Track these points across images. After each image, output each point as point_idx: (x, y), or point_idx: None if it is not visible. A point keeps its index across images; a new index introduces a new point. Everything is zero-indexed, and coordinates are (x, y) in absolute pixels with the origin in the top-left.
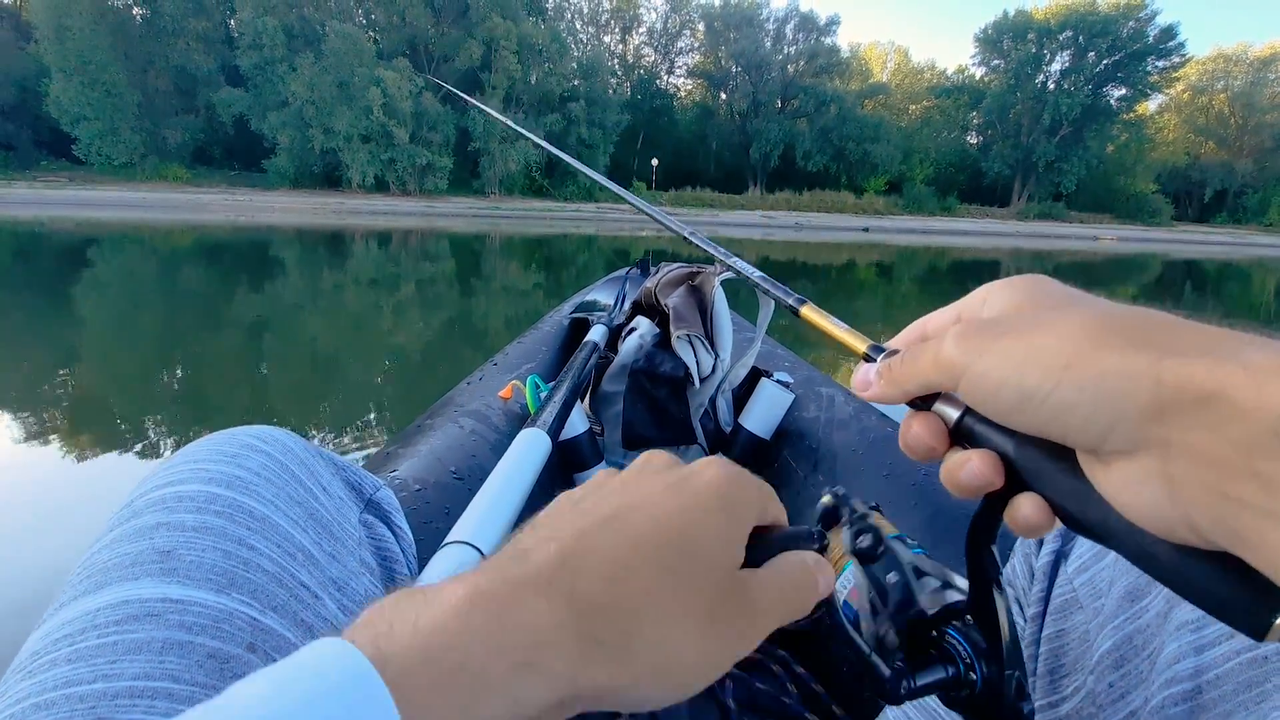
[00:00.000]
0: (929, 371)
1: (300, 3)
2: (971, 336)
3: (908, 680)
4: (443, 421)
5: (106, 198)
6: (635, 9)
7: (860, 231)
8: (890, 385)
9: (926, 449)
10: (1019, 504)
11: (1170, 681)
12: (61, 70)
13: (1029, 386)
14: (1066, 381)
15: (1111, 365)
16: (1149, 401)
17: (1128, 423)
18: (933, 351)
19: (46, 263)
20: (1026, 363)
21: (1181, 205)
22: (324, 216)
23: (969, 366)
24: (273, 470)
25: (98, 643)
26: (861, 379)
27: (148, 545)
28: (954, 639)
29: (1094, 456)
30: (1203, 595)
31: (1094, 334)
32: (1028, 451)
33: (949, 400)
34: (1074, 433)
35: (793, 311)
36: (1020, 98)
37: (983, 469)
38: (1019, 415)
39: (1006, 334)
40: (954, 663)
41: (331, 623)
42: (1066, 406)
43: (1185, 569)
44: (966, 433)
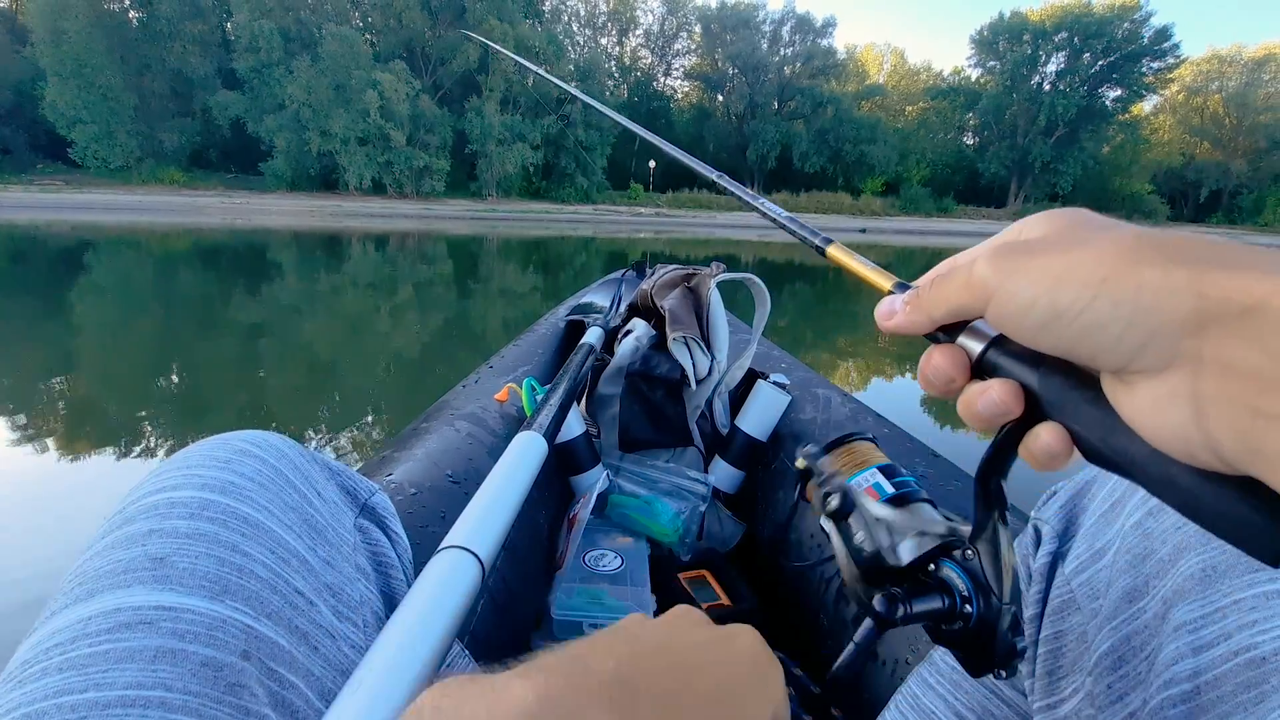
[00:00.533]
0: (960, 293)
1: (297, 6)
2: (1006, 255)
3: (904, 605)
4: (439, 425)
5: (103, 201)
6: (632, 11)
7: (858, 232)
8: (917, 311)
9: (946, 379)
10: (1038, 433)
11: (1169, 683)
12: (57, 74)
13: (1063, 303)
14: (1103, 295)
15: (1151, 279)
16: (1189, 314)
17: (1163, 337)
18: (964, 273)
19: (42, 266)
20: (1062, 278)
21: (1177, 205)
22: (321, 219)
23: (1001, 285)
24: (267, 476)
25: (89, 651)
26: (886, 308)
27: (140, 552)
28: (951, 570)
29: (1119, 379)
30: (1219, 520)
31: (1134, 250)
32: (1051, 380)
33: (973, 334)
34: (1104, 351)
35: (819, 251)
36: (1016, 99)
37: (1003, 396)
38: (1048, 334)
39: (1043, 252)
40: (950, 594)
41: (327, 629)
42: (1100, 322)
43: (1204, 493)
44: (988, 365)
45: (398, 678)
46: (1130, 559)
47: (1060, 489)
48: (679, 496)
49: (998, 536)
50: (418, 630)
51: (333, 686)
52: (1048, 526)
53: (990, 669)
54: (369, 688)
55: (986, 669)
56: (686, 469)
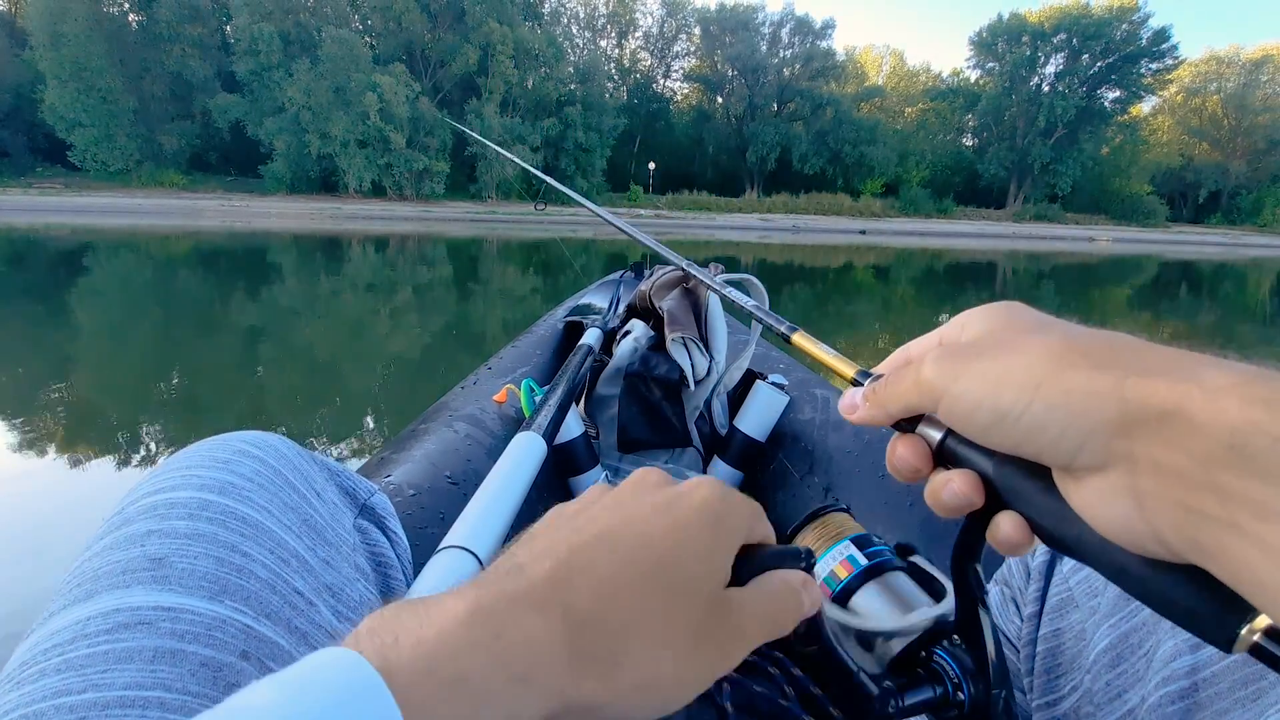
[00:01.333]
0: (910, 393)
1: (297, 8)
2: (948, 360)
3: (896, 700)
4: (437, 426)
5: (102, 204)
6: (631, 13)
7: (857, 234)
8: (875, 407)
9: (912, 470)
10: (999, 523)
11: (1167, 680)
12: (57, 77)
13: (1003, 406)
14: (1038, 400)
15: (1078, 384)
16: (1114, 417)
17: (1096, 438)
18: (913, 374)
19: (42, 270)
20: (1000, 383)
21: (1176, 206)
22: (321, 222)
23: (947, 388)
24: (266, 476)
25: (88, 652)
26: (848, 402)
27: (139, 552)
28: (942, 659)
29: (1067, 474)
30: (1172, 608)
31: (1062, 355)
32: (1006, 471)
33: (931, 422)
34: (1047, 450)
35: (784, 339)
36: (1015, 100)
37: (964, 488)
38: (995, 434)
39: (981, 356)
40: (942, 683)
41: (326, 629)
42: (1039, 425)
43: (1155, 582)
44: (949, 454)
45: None
46: None
47: None
48: None
49: (979, 622)
50: None
51: None
52: None
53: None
54: None
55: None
56: (685, 470)
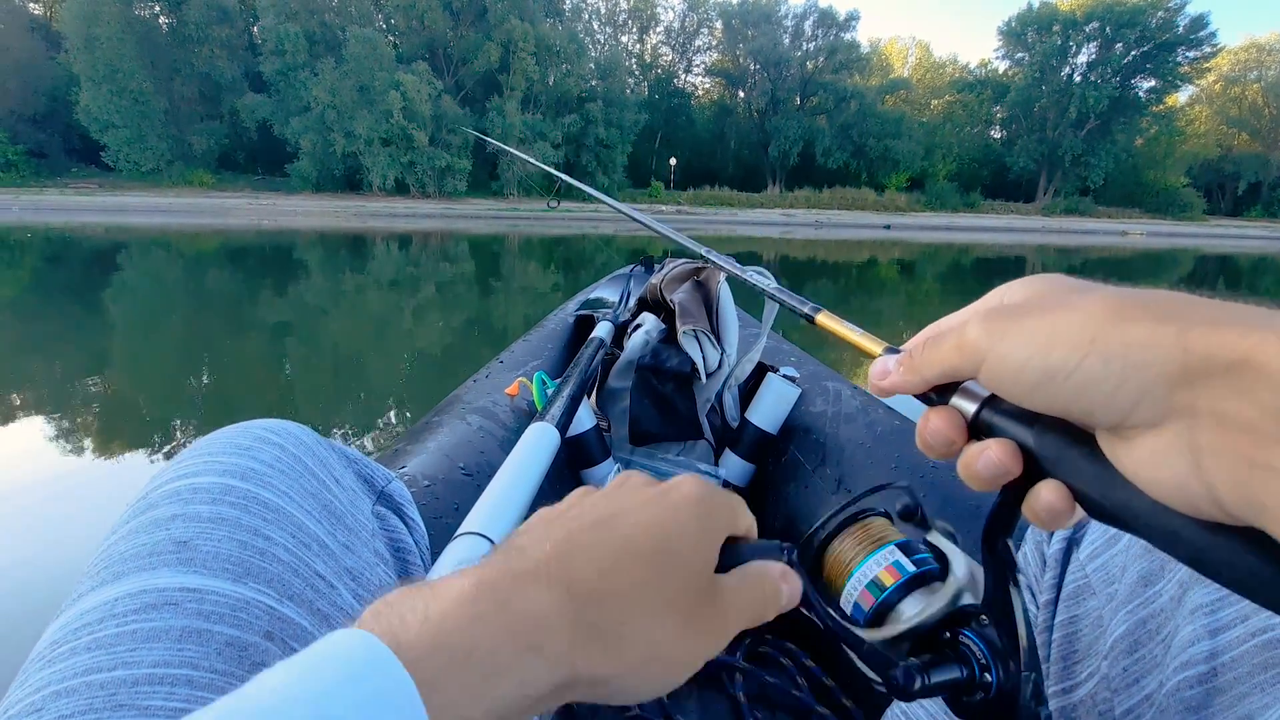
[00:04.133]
0: (951, 356)
1: (321, 9)
2: (995, 319)
3: (922, 677)
4: (450, 419)
5: (134, 203)
6: (652, 8)
7: (882, 229)
8: (910, 372)
9: (945, 442)
10: (1039, 492)
11: (1185, 665)
12: (90, 79)
13: (1053, 363)
14: (1092, 355)
15: (1137, 336)
16: (1177, 370)
17: (1154, 393)
18: (956, 336)
19: (78, 268)
20: (1051, 340)
21: (1214, 199)
22: (345, 220)
23: (992, 348)
24: (286, 463)
25: (117, 631)
26: (880, 368)
27: (164, 536)
28: (969, 639)
29: (1116, 435)
30: (1226, 572)
31: (1118, 309)
32: (1048, 438)
33: (967, 394)
34: (1098, 409)
35: (808, 320)
36: (1045, 91)
37: (1001, 457)
38: (1041, 394)
39: (1030, 314)
40: (968, 664)
41: (347, 612)
42: (1092, 381)
43: (1208, 546)
44: (984, 425)
45: None
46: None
47: None
48: None
49: (1010, 600)
50: None
51: None
52: None
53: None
54: None
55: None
56: (697, 462)
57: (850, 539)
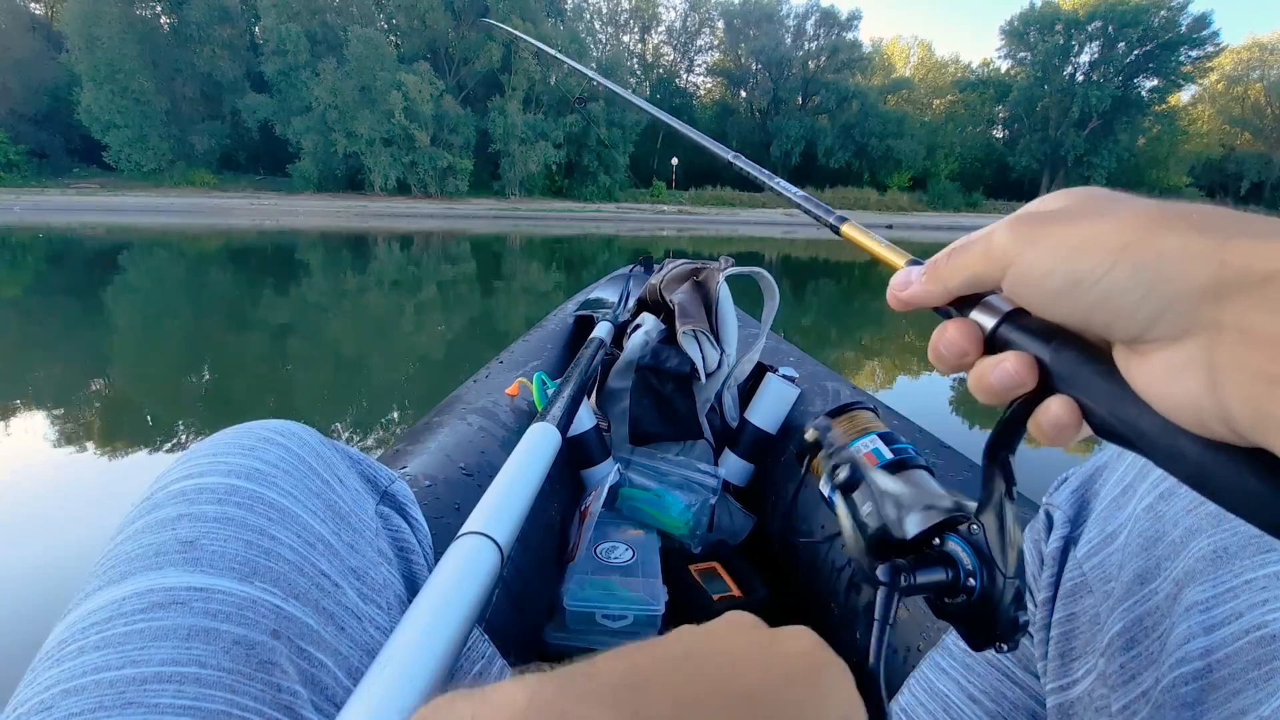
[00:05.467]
0: (978, 261)
1: (323, 8)
2: (1026, 225)
3: (909, 576)
4: (451, 419)
5: (136, 203)
6: (654, 8)
7: (884, 228)
8: (933, 281)
9: (959, 353)
10: (1048, 406)
11: (1180, 661)
12: (92, 79)
13: (1081, 270)
14: (1123, 261)
15: (1173, 245)
16: (1209, 281)
17: (1181, 304)
18: (984, 242)
19: (80, 268)
20: (1082, 246)
21: (1217, 198)
22: (347, 220)
23: (1021, 253)
24: (290, 463)
25: (125, 630)
26: (902, 278)
27: (170, 536)
28: (956, 545)
29: (1133, 349)
30: (1227, 491)
31: (1158, 218)
32: (1064, 352)
33: (986, 309)
34: (1121, 319)
35: (833, 230)
36: (1048, 90)
37: (1018, 367)
38: (1064, 302)
39: (1064, 222)
40: (954, 566)
41: (352, 610)
42: (1118, 289)
43: (1213, 465)
44: (1001, 340)
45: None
46: (1142, 542)
47: (1071, 475)
48: (689, 489)
49: (1004, 511)
50: (441, 612)
51: (359, 665)
52: (1059, 512)
53: (992, 642)
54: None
55: (988, 643)
56: (696, 462)
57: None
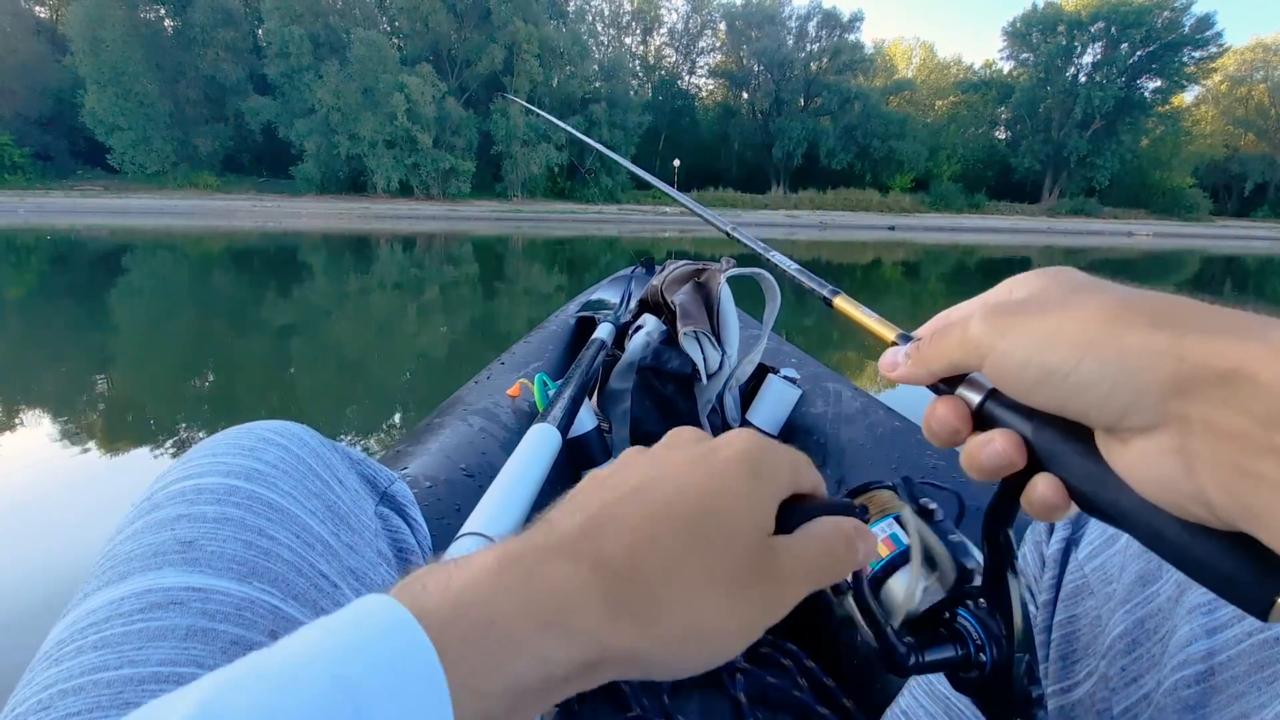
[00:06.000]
0: (955, 350)
1: (326, 11)
2: (998, 316)
3: (916, 655)
4: (452, 420)
5: (140, 205)
6: (656, 10)
7: (886, 230)
8: (917, 365)
9: (950, 431)
10: (1036, 485)
11: (1182, 664)
12: (96, 82)
13: (1052, 364)
14: (1089, 358)
15: (1133, 343)
16: (1170, 377)
17: (1148, 399)
18: (960, 331)
19: (83, 270)
20: (1051, 340)
21: (1220, 199)
22: (350, 221)
23: (994, 345)
24: (290, 463)
25: (123, 630)
26: (890, 360)
27: (169, 536)
28: (965, 620)
29: (1112, 435)
30: (1210, 573)
31: (1117, 313)
32: (1047, 433)
33: (972, 385)
34: (1094, 409)
35: (826, 303)
36: (1050, 91)
37: (1006, 448)
38: (1041, 393)
39: (1032, 314)
40: (964, 643)
41: None
42: (1088, 383)
43: (1194, 547)
44: (989, 416)
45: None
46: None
47: None
48: None
49: (1007, 587)
50: None
51: None
52: None
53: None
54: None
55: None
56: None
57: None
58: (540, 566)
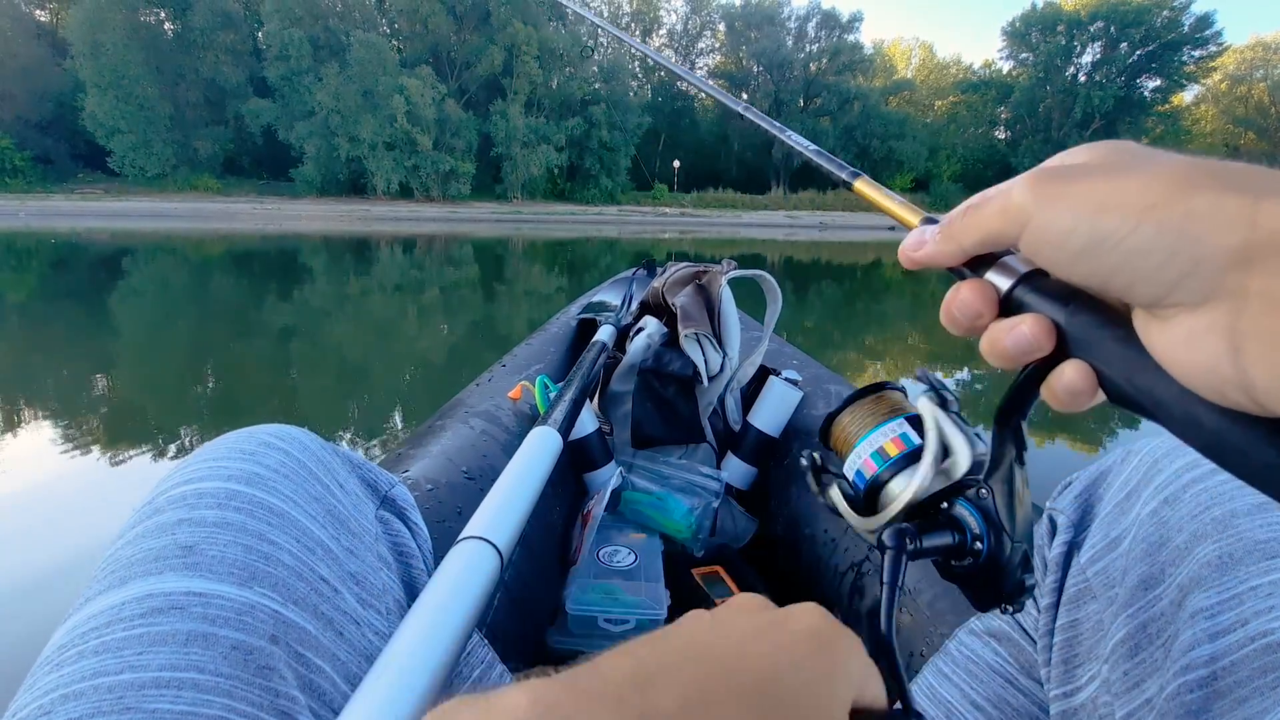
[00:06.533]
0: (995, 219)
1: (326, 14)
2: (1047, 181)
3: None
4: (453, 423)
5: (140, 208)
6: (655, 11)
7: (886, 230)
8: (948, 240)
9: (973, 315)
10: (1063, 371)
11: (1185, 669)
12: (96, 85)
13: (1104, 229)
14: (1149, 222)
15: (1202, 206)
16: (1238, 245)
17: (1207, 269)
18: (1001, 199)
19: (84, 272)
20: (1106, 204)
21: None
22: (350, 224)
23: (1039, 211)
24: (290, 467)
25: (124, 635)
26: (915, 239)
27: (170, 541)
28: (964, 509)
29: (1153, 314)
30: (1245, 462)
31: (1187, 176)
32: (1081, 316)
33: (1002, 269)
34: (1143, 281)
35: (846, 185)
36: (1050, 91)
37: (1036, 331)
38: (1085, 263)
39: (1087, 178)
40: (961, 530)
41: (351, 616)
42: (1142, 251)
43: (1231, 434)
44: (1016, 303)
45: (421, 662)
46: (1146, 547)
47: (1075, 479)
48: (692, 493)
49: (1013, 475)
50: (440, 617)
51: (358, 671)
52: (1063, 516)
53: (997, 604)
54: (394, 671)
55: (993, 604)
56: (699, 465)
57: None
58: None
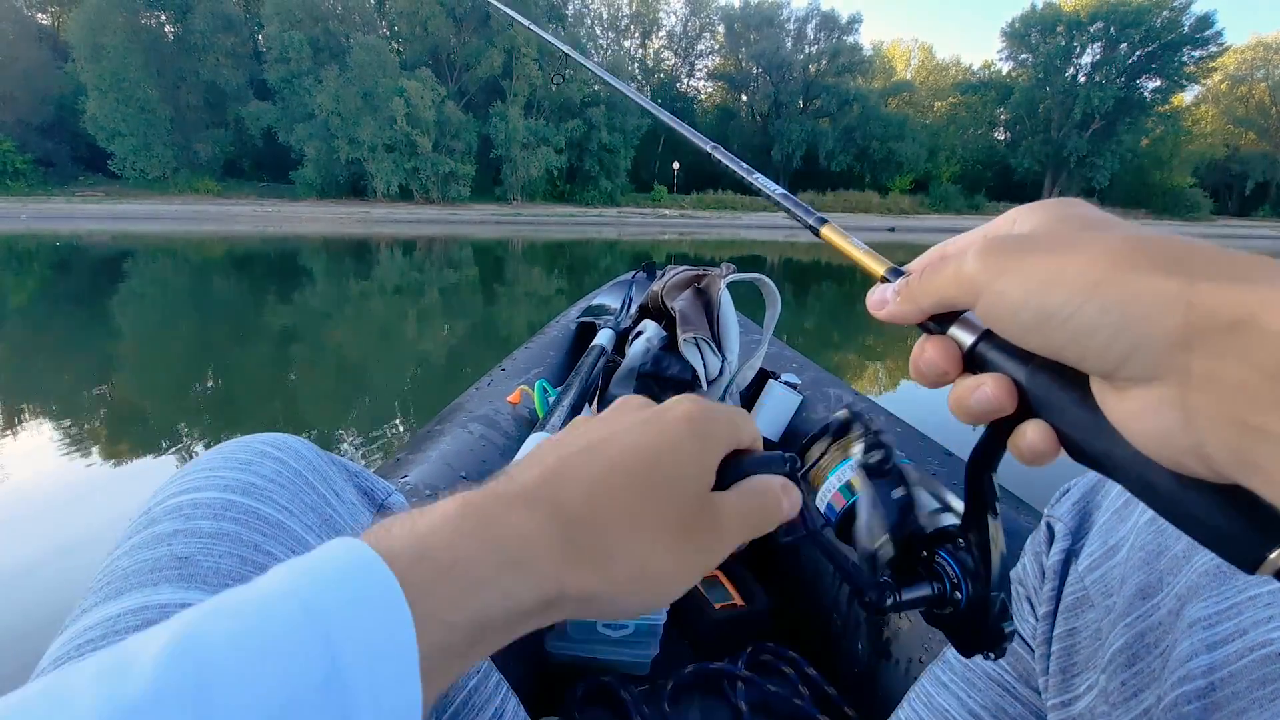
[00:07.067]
0: (948, 287)
1: (326, 16)
2: (995, 253)
3: (894, 594)
4: (452, 427)
5: (141, 211)
6: (655, 13)
7: (886, 231)
8: (907, 302)
9: (938, 372)
10: (1025, 430)
11: (1183, 679)
12: (97, 88)
13: (1052, 305)
14: (1092, 301)
15: (1141, 288)
16: (1177, 327)
17: (1150, 348)
18: (954, 267)
19: (84, 275)
20: (1052, 281)
21: (1221, 199)
22: (349, 226)
23: (990, 283)
24: (286, 477)
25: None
26: (878, 298)
27: (166, 552)
28: (943, 559)
29: (1108, 383)
30: (1201, 527)
31: (1125, 256)
32: (1040, 377)
33: (964, 325)
34: (1092, 356)
35: (813, 231)
36: (1049, 92)
37: (996, 391)
38: (1037, 336)
39: (1033, 252)
40: (940, 581)
41: None
42: (1089, 328)
43: (1187, 501)
44: (980, 359)
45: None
46: (1144, 555)
47: (1073, 486)
48: None
49: (987, 527)
50: None
51: None
52: (1061, 524)
53: (979, 650)
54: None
55: (975, 650)
56: None
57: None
58: (501, 513)
